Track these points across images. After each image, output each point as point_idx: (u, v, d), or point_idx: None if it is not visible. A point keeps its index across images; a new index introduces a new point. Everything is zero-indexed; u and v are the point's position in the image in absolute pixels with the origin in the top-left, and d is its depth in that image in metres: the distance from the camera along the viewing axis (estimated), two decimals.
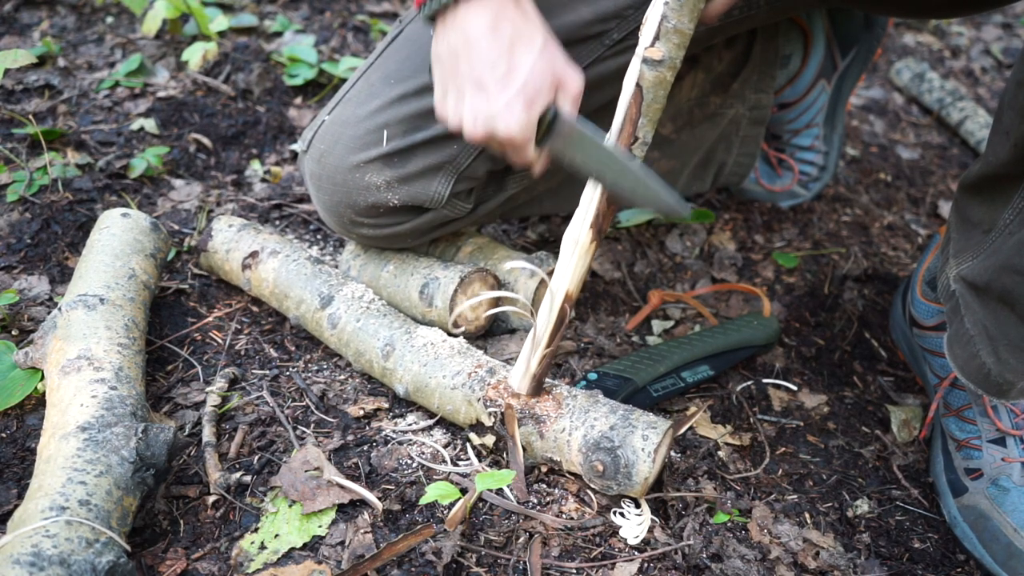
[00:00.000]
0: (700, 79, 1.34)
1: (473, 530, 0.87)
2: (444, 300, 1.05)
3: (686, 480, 0.95)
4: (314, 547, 0.85)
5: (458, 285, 1.04)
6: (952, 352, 0.95)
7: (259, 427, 0.98)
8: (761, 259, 1.39)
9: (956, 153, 1.79)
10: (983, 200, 0.93)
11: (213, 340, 1.10)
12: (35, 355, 0.95)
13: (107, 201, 1.31)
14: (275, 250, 1.11)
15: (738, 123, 1.40)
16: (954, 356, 0.94)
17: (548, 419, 0.90)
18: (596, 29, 1.00)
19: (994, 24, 2.38)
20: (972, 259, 0.92)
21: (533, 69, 0.84)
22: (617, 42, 1.02)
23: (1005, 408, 0.98)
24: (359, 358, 1.03)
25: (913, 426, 1.10)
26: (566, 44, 1.00)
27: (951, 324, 0.95)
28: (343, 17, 1.95)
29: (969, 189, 0.96)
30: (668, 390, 1.05)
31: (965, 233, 0.95)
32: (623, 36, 1.02)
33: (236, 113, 1.57)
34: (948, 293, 0.96)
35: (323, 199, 1.05)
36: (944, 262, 0.99)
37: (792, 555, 0.90)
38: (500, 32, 0.84)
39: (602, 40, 1.02)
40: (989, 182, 0.92)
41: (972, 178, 0.96)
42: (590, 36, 1.01)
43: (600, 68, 1.03)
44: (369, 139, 1.00)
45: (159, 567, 0.81)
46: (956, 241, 0.97)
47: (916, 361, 1.16)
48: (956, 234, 0.98)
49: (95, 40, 1.73)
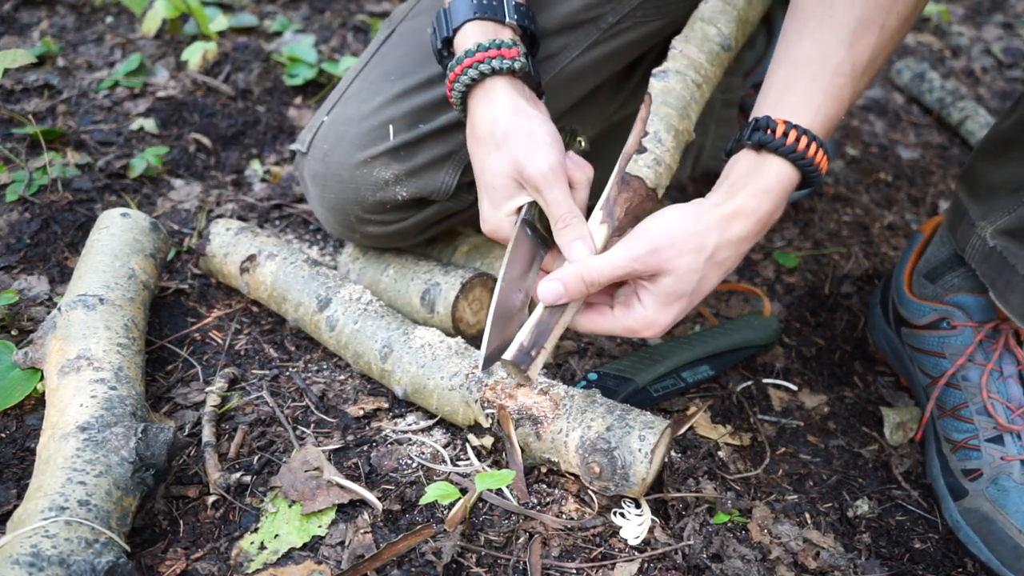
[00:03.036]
0: None
1: (473, 530, 0.87)
2: (446, 307, 1.05)
3: (686, 480, 0.95)
4: (314, 547, 0.85)
5: (459, 292, 1.04)
6: (1008, 302, 0.96)
7: (259, 427, 0.98)
8: (761, 259, 1.39)
9: (956, 153, 1.78)
10: (1005, 163, 0.98)
11: (213, 340, 1.10)
12: (35, 355, 0.95)
13: (107, 201, 1.31)
14: (272, 253, 1.11)
15: (712, 106, 1.41)
16: (1012, 306, 0.96)
17: (545, 420, 0.90)
18: (591, 14, 1.03)
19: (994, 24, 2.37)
20: (1009, 213, 0.95)
21: (488, 170, 0.88)
22: (612, 25, 1.04)
23: (1002, 404, 0.98)
24: (358, 360, 1.03)
25: (909, 427, 1.10)
26: (562, 31, 1.02)
27: (999, 279, 0.97)
28: (343, 17, 1.95)
29: (985, 156, 1.02)
30: (668, 390, 1.05)
31: (987, 198, 1.00)
32: (618, 19, 1.04)
33: (236, 113, 1.57)
34: (985, 253, 0.98)
35: (328, 198, 1.05)
36: (965, 235, 1.02)
37: (792, 555, 0.90)
38: (472, 131, 0.90)
39: (597, 24, 1.04)
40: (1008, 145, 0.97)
41: (987, 144, 1.01)
42: (586, 21, 1.03)
43: (596, 52, 1.05)
44: (375, 135, 1.01)
45: (159, 567, 0.81)
46: (976, 209, 1.01)
47: (901, 362, 1.16)
48: (974, 204, 1.01)
49: (95, 40, 1.73)
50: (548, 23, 1.02)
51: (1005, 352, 1.02)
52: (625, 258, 0.79)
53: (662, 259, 0.78)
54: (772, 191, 0.80)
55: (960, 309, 1.04)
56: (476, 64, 0.87)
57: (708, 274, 0.80)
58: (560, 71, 1.04)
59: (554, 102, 1.08)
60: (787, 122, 0.79)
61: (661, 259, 0.78)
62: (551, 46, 1.03)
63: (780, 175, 0.80)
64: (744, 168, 0.81)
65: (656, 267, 0.79)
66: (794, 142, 0.78)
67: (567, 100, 1.09)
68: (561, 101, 1.08)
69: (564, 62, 1.04)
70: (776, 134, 0.78)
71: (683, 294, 0.80)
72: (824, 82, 0.80)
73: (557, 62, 1.04)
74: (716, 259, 0.80)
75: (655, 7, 1.05)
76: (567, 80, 1.06)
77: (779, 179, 0.80)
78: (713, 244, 0.79)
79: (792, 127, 0.78)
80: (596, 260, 0.81)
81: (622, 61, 1.11)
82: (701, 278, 0.80)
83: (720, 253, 0.80)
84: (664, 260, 0.78)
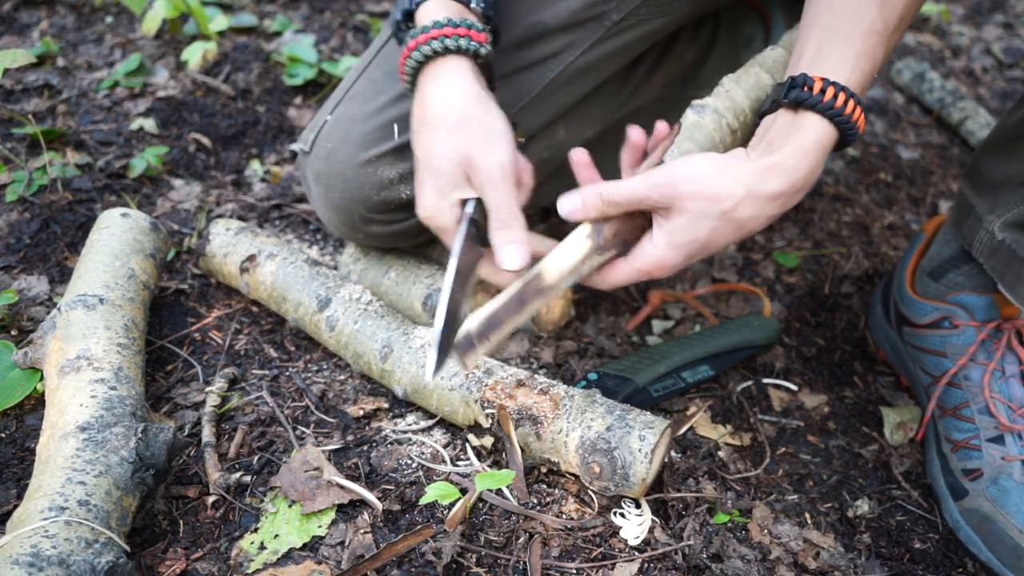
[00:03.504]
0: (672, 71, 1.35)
1: (473, 530, 0.87)
2: None
3: (686, 480, 0.95)
4: (314, 547, 0.85)
5: None
6: (1018, 294, 0.96)
7: (259, 427, 0.98)
8: (761, 259, 1.39)
9: (956, 153, 1.78)
10: (1011, 157, 0.98)
11: (213, 340, 1.10)
12: (34, 355, 0.95)
13: (107, 201, 1.31)
14: (272, 253, 1.11)
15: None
16: (1022, 298, 0.96)
17: (545, 420, 0.90)
18: (596, 11, 1.02)
19: (994, 24, 2.37)
20: (1017, 206, 0.96)
21: (437, 154, 0.83)
22: (615, 23, 1.04)
23: (1004, 404, 0.98)
24: (358, 360, 1.03)
25: (909, 427, 1.09)
26: (566, 29, 1.02)
27: (1008, 272, 0.97)
28: (343, 17, 1.95)
29: (991, 151, 1.02)
30: (668, 390, 1.05)
31: (994, 193, 1.00)
32: (621, 17, 1.03)
33: (236, 113, 1.57)
34: (993, 247, 0.98)
35: (332, 198, 1.05)
36: (972, 230, 1.02)
37: (792, 555, 0.90)
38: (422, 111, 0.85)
39: (601, 21, 1.03)
40: (1015, 140, 0.97)
41: (992, 140, 1.02)
42: (590, 18, 1.03)
43: (599, 50, 1.05)
44: (379, 134, 1.00)
45: (159, 567, 0.81)
46: (982, 204, 1.01)
47: (902, 361, 1.16)
48: (980, 199, 1.02)
49: (95, 40, 1.73)
50: (552, 20, 1.01)
51: (1007, 352, 1.02)
52: (643, 184, 0.78)
53: (677, 194, 0.77)
54: (811, 150, 0.78)
55: (963, 308, 1.04)
56: (442, 38, 0.83)
57: (722, 227, 0.78)
58: (563, 69, 1.04)
59: (556, 101, 1.08)
60: (824, 79, 0.77)
61: (676, 193, 0.77)
62: (554, 44, 1.03)
63: (819, 133, 0.78)
64: (781, 127, 0.79)
65: (670, 201, 0.77)
66: (832, 98, 0.77)
67: (569, 98, 1.09)
68: (563, 99, 1.08)
69: (568, 60, 1.04)
70: (814, 91, 0.77)
71: (694, 240, 0.79)
72: (857, 41, 0.78)
73: (561, 60, 1.04)
74: (736, 214, 0.77)
75: (658, 5, 1.04)
76: (569, 78, 1.06)
77: (818, 137, 0.78)
78: (739, 196, 0.77)
79: (830, 84, 0.77)
80: (616, 182, 0.80)
81: (624, 59, 1.11)
82: (714, 229, 0.78)
83: (743, 208, 0.77)
84: (679, 196, 0.77)
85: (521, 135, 0.96)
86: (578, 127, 1.16)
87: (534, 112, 1.07)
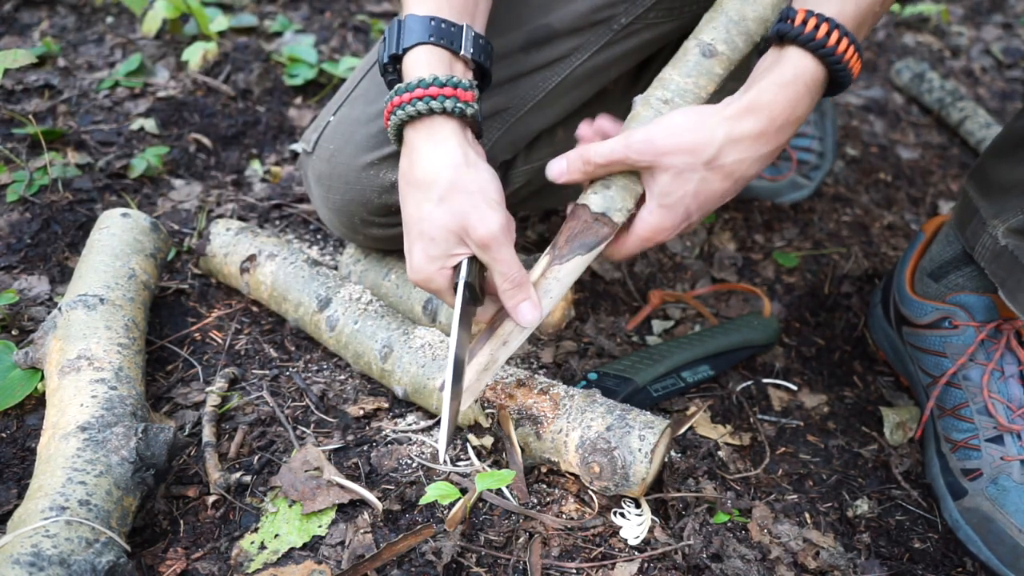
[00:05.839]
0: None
1: (473, 530, 0.87)
2: (448, 316, 1.05)
3: (686, 480, 0.95)
4: (314, 547, 0.85)
5: None
6: (1018, 301, 0.96)
7: (259, 427, 0.98)
8: (761, 259, 1.39)
9: (956, 153, 1.78)
10: (1018, 162, 0.96)
11: (213, 340, 1.10)
12: (35, 355, 0.95)
13: (107, 201, 1.31)
14: (273, 253, 1.11)
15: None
16: (1021, 305, 0.95)
17: (545, 420, 0.90)
18: (604, 15, 1.02)
19: (994, 24, 2.37)
20: (1022, 213, 0.95)
21: (427, 219, 0.81)
22: (624, 27, 1.03)
23: (1003, 404, 0.98)
24: (358, 360, 1.03)
25: (909, 427, 1.09)
26: (574, 32, 1.01)
27: (1009, 278, 0.97)
28: (343, 17, 1.95)
29: (998, 155, 1.01)
30: (668, 390, 1.05)
31: (998, 198, 0.99)
32: (630, 21, 1.03)
33: (236, 113, 1.57)
34: (996, 252, 0.98)
35: (333, 199, 1.05)
36: (975, 233, 1.02)
37: (792, 555, 0.90)
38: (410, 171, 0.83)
39: (610, 25, 1.03)
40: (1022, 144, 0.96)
41: (1000, 143, 1.01)
42: (598, 22, 1.02)
43: (608, 53, 1.04)
44: (382, 137, 1.00)
45: (159, 567, 0.81)
46: (987, 208, 1.00)
47: (901, 361, 1.16)
48: (985, 202, 1.01)
49: (95, 40, 1.73)
50: (561, 23, 1.01)
51: (1006, 352, 1.02)
52: (622, 143, 0.78)
53: (656, 151, 0.76)
54: (788, 84, 0.75)
55: (962, 308, 1.04)
56: (427, 99, 0.80)
57: (711, 177, 0.77)
58: (571, 72, 1.04)
59: (562, 103, 1.07)
60: (808, 11, 0.74)
61: (655, 150, 0.76)
62: (561, 47, 1.02)
63: (798, 67, 0.75)
64: (765, 64, 0.78)
65: (651, 159, 0.77)
66: (813, 30, 0.73)
67: (576, 101, 1.09)
68: (569, 102, 1.08)
69: (576, 63, 1.04)
70: (795, 22, 0.74)
71: (684, 195, 0.78)
72: None
73: (569, 63, 1.03)
74: (720, 162, 0.76)
75: (667, 9, 1.04)
76: (578, 81, 1.05)
77: (796, 71, 0.75)
78: (718, 143, 0.75)
79: (812, 15, 0.74)
80: (598, 143, 0.81)
81: (633, 62, 1.11)
82: (702, 180, 0.77)
83: (726, 154, 0.76)
84: (658, 154, 0.76)
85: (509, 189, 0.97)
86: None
87: (540, 115, 1.07)
